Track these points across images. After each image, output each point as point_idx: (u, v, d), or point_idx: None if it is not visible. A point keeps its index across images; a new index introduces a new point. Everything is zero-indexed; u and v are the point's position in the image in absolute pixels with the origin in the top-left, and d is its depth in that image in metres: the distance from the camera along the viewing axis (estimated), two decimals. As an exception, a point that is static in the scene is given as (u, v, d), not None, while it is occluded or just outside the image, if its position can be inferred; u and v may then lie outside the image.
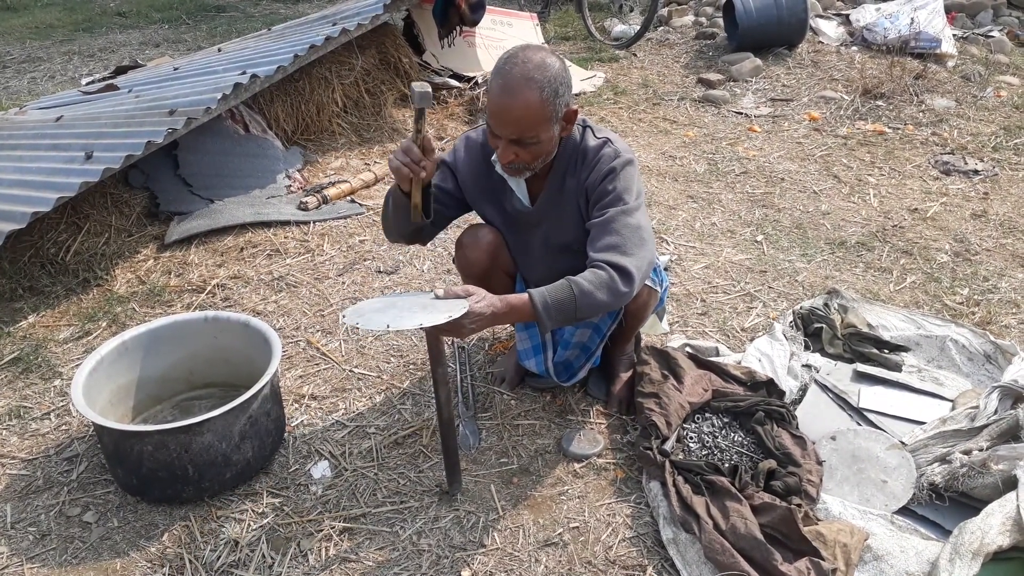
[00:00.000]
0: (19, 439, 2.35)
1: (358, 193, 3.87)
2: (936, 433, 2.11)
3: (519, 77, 1.85)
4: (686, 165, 4.31)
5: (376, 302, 1.91)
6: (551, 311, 1.85)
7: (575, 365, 2.36)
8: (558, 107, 1.90)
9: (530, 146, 1.92)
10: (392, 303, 1.86)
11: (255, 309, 2.94)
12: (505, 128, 1.90)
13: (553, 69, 1.88)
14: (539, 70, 1.86)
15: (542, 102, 1.86)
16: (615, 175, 2.01)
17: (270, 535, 1.99)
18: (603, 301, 1.88)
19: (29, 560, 1.94)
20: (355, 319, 1.74)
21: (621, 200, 1.99)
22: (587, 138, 2.07)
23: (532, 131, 1.89)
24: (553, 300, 1.85)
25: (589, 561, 1.90)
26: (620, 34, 6.75)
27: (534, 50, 1.91)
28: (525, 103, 1.85)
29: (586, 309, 1.88)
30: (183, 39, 7.77)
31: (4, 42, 7.83)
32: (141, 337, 2.32)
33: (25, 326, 2.88)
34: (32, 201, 2.87)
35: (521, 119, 1.87)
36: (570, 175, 2.09)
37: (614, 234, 1.96)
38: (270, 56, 3.92)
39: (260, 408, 2.09)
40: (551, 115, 1.90)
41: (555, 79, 1.87)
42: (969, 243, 3.39)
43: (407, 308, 1.78)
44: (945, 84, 5.30)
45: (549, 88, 1.86)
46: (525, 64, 1.86)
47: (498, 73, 1.89)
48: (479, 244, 2.23)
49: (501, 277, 2.33)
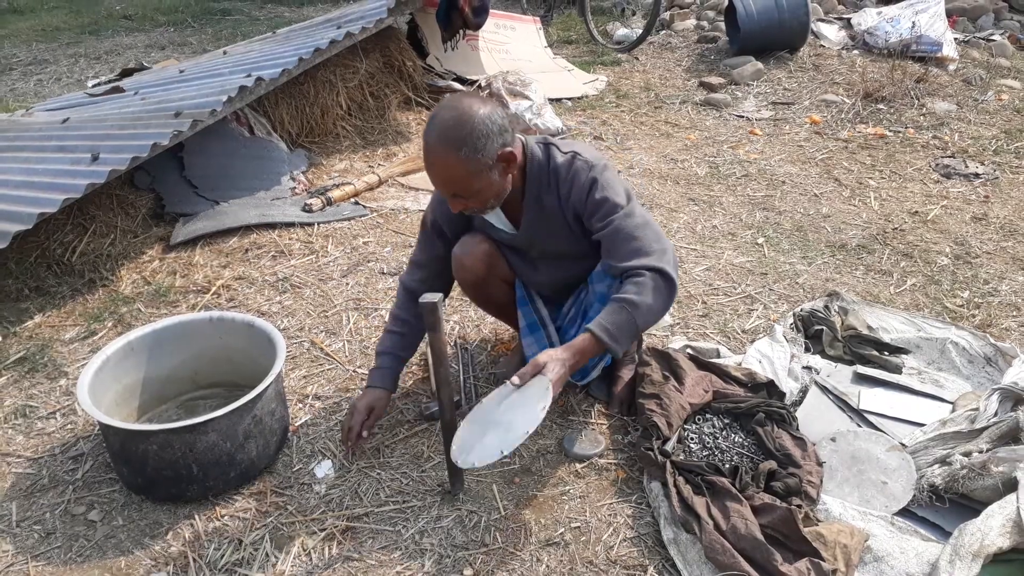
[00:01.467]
0: (25, 438, 2.37)
1: (362, 195, 3.89)
2: (936, 435, 2.12)
3: (435, 142, 1.86)
4: (687, 168, 4.33)
5: (470, 423, 1.92)
6: (616, 336, 1.90)
7: (588, 365, 2.36)
8: (484, 158, 1.88)
9: (472, 197, 1.94)
10: (484, 418, 1.88)
11: (260, 310, 2.96)
12: (439, 188, 1.95)
13: (471, 123, 1.85)
14: (455, 128, 1.84)
15: (462, 161, 1.86)
16: (597, 184, 2.02)
17: (274, 534, 2.00)
18: (657, 305, 1.94)
19: (34, 558, 1.96)
20: (468, 459, 1.79)
21: (617, 205, 2.01)
22: (554, 156, 2.07)
23: (463, 187, 1.91)
24: (613, 326, 1.90)
25: (590, 561, 1.91)
26: (622, 38, 6.78)
27: (455, 105, 1.88)
28: (445, 166, 1.87)
29: (644, 319, 1.94)
30: (188, 42, 7.80)
31: (11, 44, 7.87)
32: (146, 337, 2.33)
33: (31, 326, 2.90)
34: (38, 202, 2.89)
35: (448, 180, 1.90)
36: (546, 194, 2.09)
37: (628, 240, 1.98)
38: (275, 59, 3.95)
39: (264, 408, 2.11)
40: (478, 168, 1.88)
41: (473, 133, 1.85)
42: (970, 246, 3.40)
43: (500, 417, 1.82)
44: (946, 88, 5.31)
45: (467, 146, 1.84)
46: (442, 125, 1.85)
47: (423, 136, 1.90)
48: (474, 255, 2.23)
49: (499, 284, 2.34)
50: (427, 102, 4.93)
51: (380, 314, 2.92)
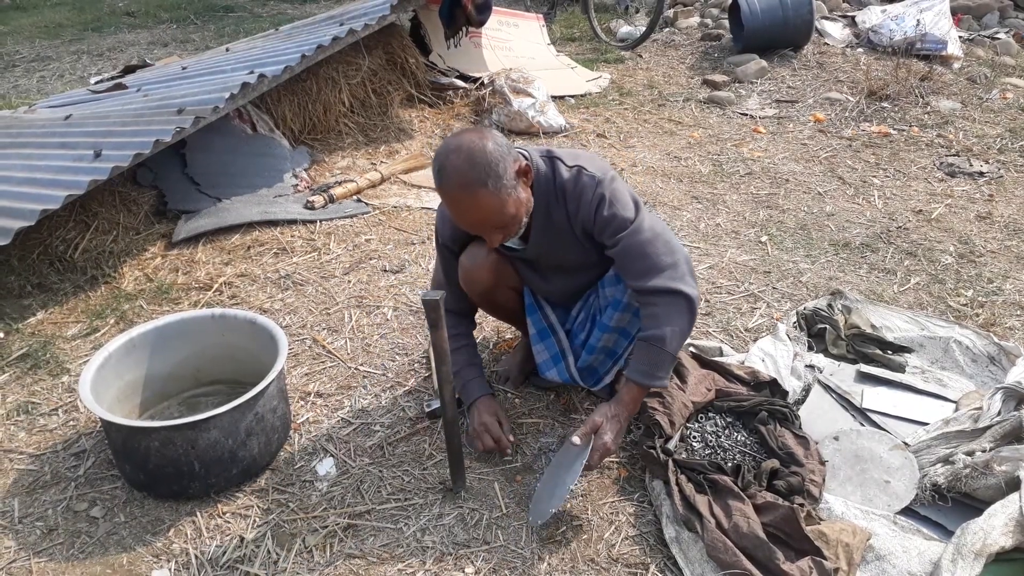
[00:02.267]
0: (27, 434, 2.37)
1: (364, 192, 3.89)
2: (939, 434, 2.11)
3: (460, 189, 1.84)
4: (691, 166, 4.32)
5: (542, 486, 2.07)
6: (654, 374, 1.95)
7: (600, 371, 2.34)
8: (508, 181, 1.87)
9: (509, 224, 1.95)
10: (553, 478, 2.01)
11: (262, 307, 2.96)
12: (481, 229, 1.96)
13: (483, 155, 1.83)
14: (472, 170, 1.82)
15: (491, 193, 1.85)
16: (604, 202, 1.98)
17: (275, 531, 2.00)
18: (682, 327, 1.95)
19: (36, 554, 1.96)
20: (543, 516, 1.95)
21: (626, 221, 1.98)
22: (560, 171, 2.03)
23: (499, 218, 1.91)
24: (649, 366, 1.94)
25: (592, 559, 1.91)
26: (626, 35, 6.76)
27: (455, 149, 1.85)
28: (478, 207, 1.86)
29: (676, 345, 1.96)
30: (191, 39, 7.80)
31: (14, 41, 7.88)
32: (149, 334, 2.33)
33: (34, 323, 2.90)
34: (41, 199, 2.89)
35: (485, 218, 1.90)
36: (555, 209, 2.06)
37: (640, 258, 1.97)
38: (278, 56, 3.94)
39: (266, 405, 2.11)
40: (507, 193, 1.88)
41: (490, 164, 1.83)
42: (974, 245, 3.39)
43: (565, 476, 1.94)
44: (951, 86, 5.30)
45: (491, 178, 1.83)
46: (459, 170, 1.82)
47: (441, 189, 1.88)
48: (482, 265, 2.20)
49: (506, 292, 2.32)
50: (430, 99, 4.93)
51: (382, 311, 2.92)
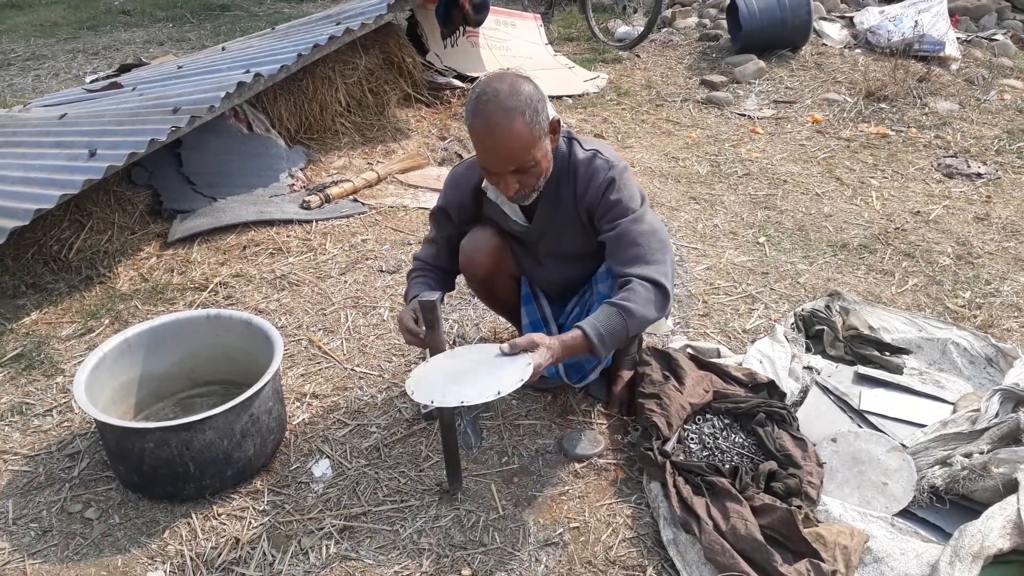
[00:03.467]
0: (21, 435, 2.35)
1: (361, 192, 3.88)
2: (937, 436, 2.11)
3: (498, 111, 1.85)
4: (689, 166, 4.32)
5: (438, 364, 1.92)
6: (605, 339, 1.89)
7: (586, 367, 2.34)
8: (542, 124, 1.91)
9: (530, 169, 1.93)
10: (456, 366, 1.86)
11: (257, 307, 2.95)
12: (502, 164, 1.91)
13: (526, 91, 1.89)
14: (513, 97, 1.86)
15: (527, 125, 1.87)
16: (614, 185, 2.02)
17: (271, 533, 1.99)
18: (649, 316, 1.93)
19: (31, 556, 1.95)
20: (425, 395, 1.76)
21: (628, 209, 2.01)
22: (575, 151, 2.07)
23: (528, 155, 1.90)
24: (606, 330, 1.89)
25: (589, 561, 1.90)
26: (624, 35, 6.76)
27: (500, 79, 1.91)
28: (512, 133, 1.86)
29: (636, 328, 1.93)
30: (187, 38, 7.78)
31: (9, 40, 7.85)
32: (143, 335, 2.32)
33: (28, 323, 2.89)
34: (36, 198, 2.88)
35: (515, 150, 1.88)
36: (564, 188, 2.09)
37: (633, 245, 1.98)
38: (274, 55, 3.93)
39: (262, 406, 2.10)
40: (539, 134, 1.90)
41: (531, 99, 1.88)
42: (971, 246, 3.39)
43: (472, 372, 1.80)
44: (948, 87, 5.30)
45: (530, 110, 1.87)
46: (498, 97, 1.86)
47: (475, 112, 1.88)
48: (482, 249, 2.23)
49: (505, 280, 2.34)
50: (427, 99, 4.92)
51: (378, 312, 2.91)
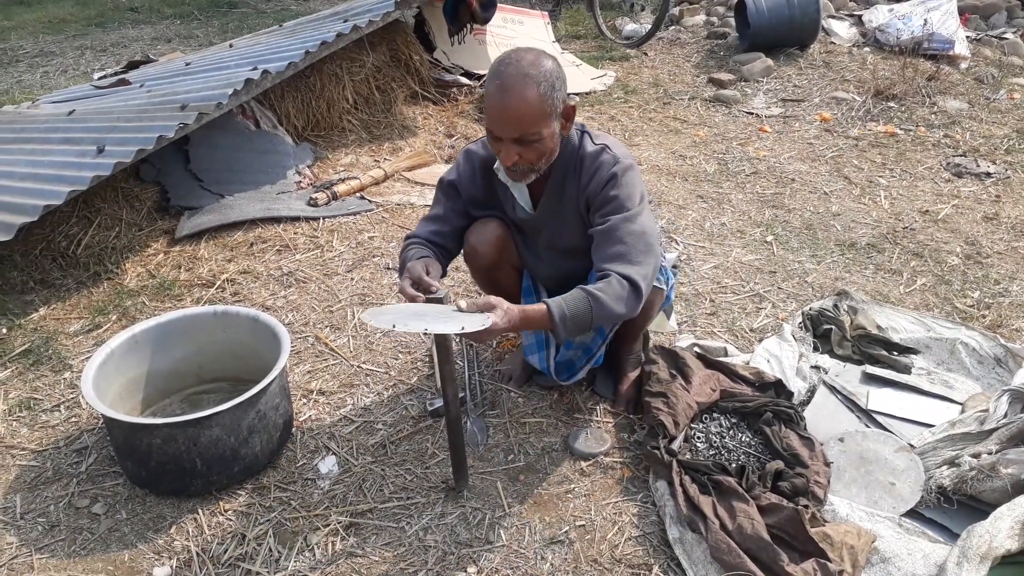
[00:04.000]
0: (29, 431, 2.36)
1: (368, 190, 3.88)
2: (945, 436, 2.10)
3: (515, 75, 1.87)
4: (696, 165, 4.30)
5: (398, 307, 1.90)
6: (567, 322, 1.87)
7: (576, 365, 2.36)
8: (556, 102, 1.91)
9: (532, 144, 1.92)
10: (415, 311, 1.83)
11: (264, 304, 2.95)
12: (506, 128, 1.90)
13: (547, 66, 1.90)
14: (533, 67, 1.88)
15: (540, 97, 1.87)
16: (616, 181, 2.01)
17: (277, 529, 2.00)
18: (617, 313, 1.91)
19: (38, 551, 1.96)
20: (386, 322, 1.67)
21: (624, 207, 2.00)
22: (585, 144, 2.08)
23: (533, 127, 1.89)
24: (571, 312, 1.87)
25: (595, 559, 1.90)
26: (631, 33, 6.74)
27: (526, 50, 1.93)
28: (523, 99, 1.86)
29: (600, 319, 1.91)
30: (195, 35, 7.80)
31: (17, 36, 7.88)
32: (151, 331, 2.33)
33: (36, 318, 2.90)
34: (44, 194, 2.89)
35: (522, 116, 1.88)
36: (570, 181, 2.09)
37: (619, 243, 1.97)
38: (281, 52, 3.93)
39: (268, 403, 2.10)
40: (550, 110, 1.91)
41: (550, 74, 1.89)
42: (980, 246, 3.37)
43: (434, 316, 1.77)
44: (958, 86, 5.27)
45: (546, 83, 1.88)
46: (519, 63, 1.88)
47: (493, 75, 1.90)
48: (487, 239, 2.23)
49: (508, 271, 2.34)
50: (433, 96, 4.91)
51: (385, 309, 2.91)
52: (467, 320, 1.71)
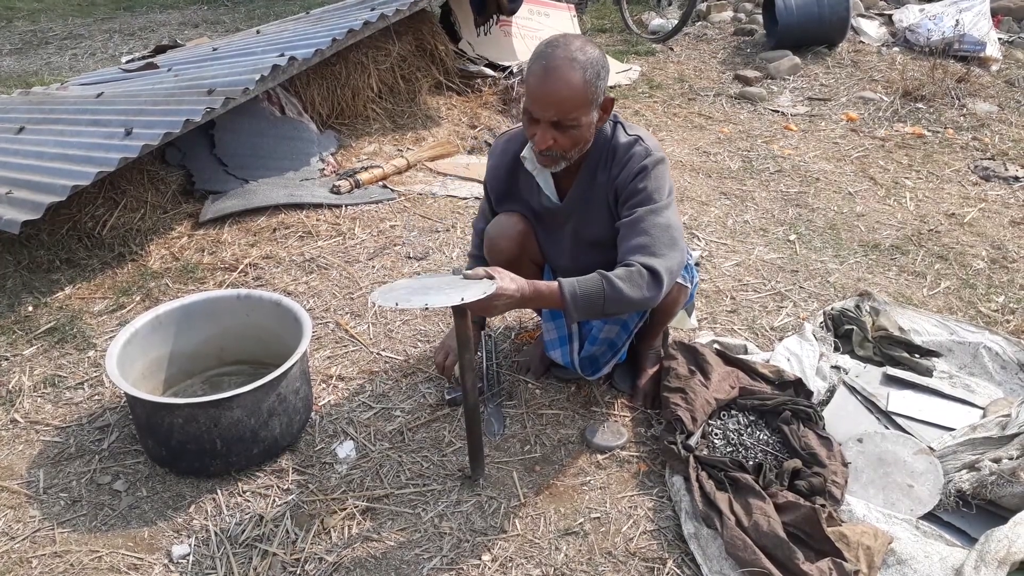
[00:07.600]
0: (53, 407, 2.40)
1: (390, 179, 3.89)
2: (965, 440, 2.08)
3: (562, 58, 1.86)
4: (720, 161, 4.28)
5: (404, 283, 1.92)
6: (579, 302, 1.85)
7: (601, 361, 2.35)
8: (598, 92, 1.91)
9: (569, 130, 1.91)
10: (421, 284, 1.86)
11: (286, 289, 2.98)
12: (546, 110, 1.89)
13: (594, 54, 1.89)
14: (581, 52, 1.87)
15: (584, 83, 1.86)
16: (646, 173, 2.00)
17: (294, 511, 2.02)
18: (632, 300, 1.88)
19: (60, 525, 1.99)
20: (391, 300, 1.70)
21: (651, 199, 1.99)
22: (618, 135, 2.07)
23: (573, 112, 1.89)
24: (583, 292, 1.85)
25: (609, 552, 1.90)
26: (657, 28, 6.71)
27: (573, 36, 1.93)
28: (567, 83, 1.85)
29: (613, 306, 1.88)
30: (222, 20, 7.84)
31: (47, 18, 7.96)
32: (175, 312, 2.35)
33: (62, 297, 2.93)
34: (72, 175, 2.92)
35: (564, 100, 1.87)
36: (601, 171, 2.08)
37: (644, 234, 1.96)
38: (308, 39, 3.95)
39: (289, 386, 2.12)
40: (592, 98, 1.90)
41: (596, 62, 1.88)
42: (1007, 250, 3.33)
43: (437, 288, 1.78)
44: (988, 88, 5.20)
45: (591, 70, 1.87)
46: (567, 47, 1.87)
47: (539, 56, 1.89)
48: (508, 233, 2.23)
49: (529, 266, 2.33)
50: (458, 87, 4.91)
51: (405, 297, 2.92)
52: (468, 290, 1.70)
